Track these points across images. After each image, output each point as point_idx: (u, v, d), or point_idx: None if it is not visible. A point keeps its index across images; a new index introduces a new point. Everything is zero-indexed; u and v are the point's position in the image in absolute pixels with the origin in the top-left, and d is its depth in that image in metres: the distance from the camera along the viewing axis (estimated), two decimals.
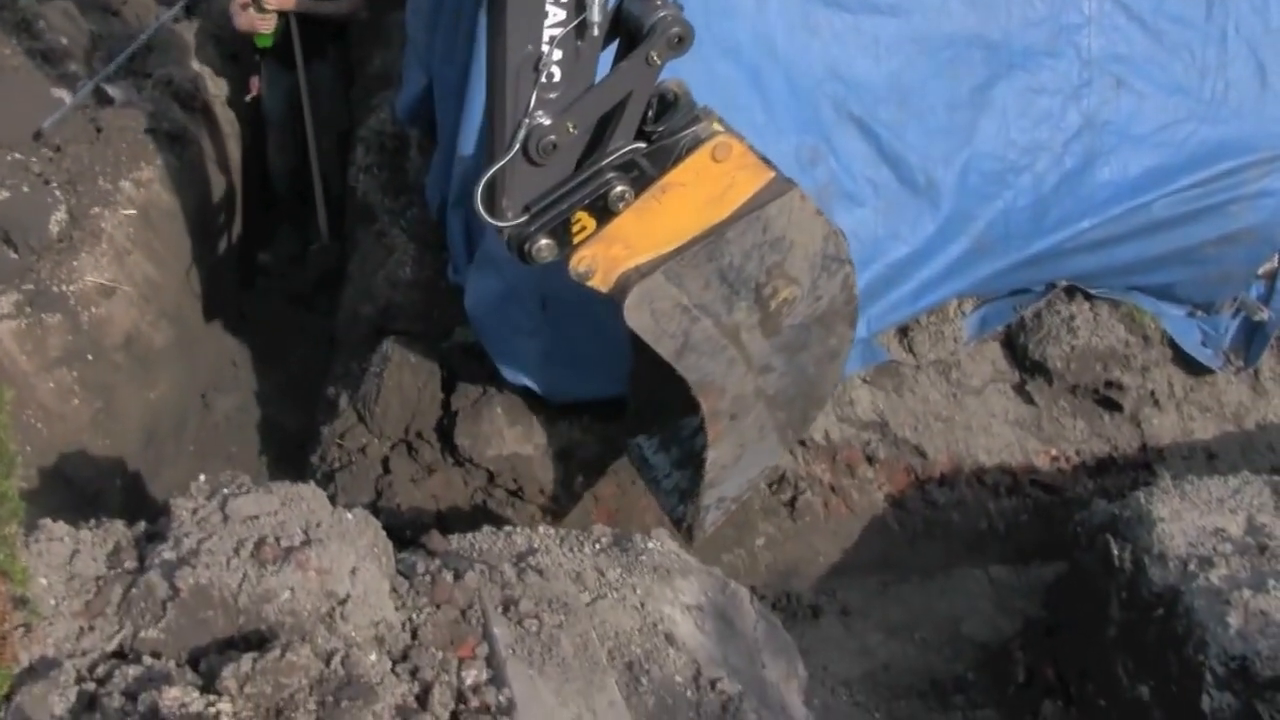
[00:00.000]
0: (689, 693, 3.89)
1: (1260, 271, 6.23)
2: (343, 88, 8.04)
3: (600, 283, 4.19)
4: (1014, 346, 6.17)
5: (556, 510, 5.60)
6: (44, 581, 3.43)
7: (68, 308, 5.50)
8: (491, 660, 3.58)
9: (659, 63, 3.93)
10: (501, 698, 3.43)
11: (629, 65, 3.95)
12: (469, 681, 3.48)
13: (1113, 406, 6.21)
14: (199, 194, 6.89)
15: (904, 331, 5.95)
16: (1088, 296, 6.04)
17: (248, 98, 7.98)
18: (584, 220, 4.08)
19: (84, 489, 5.31)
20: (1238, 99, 5.73)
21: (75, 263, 5.67)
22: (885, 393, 5.96)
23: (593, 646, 3.76)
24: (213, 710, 3.00)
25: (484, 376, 5.48)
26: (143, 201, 6.22)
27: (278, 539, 3.50)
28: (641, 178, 4.09)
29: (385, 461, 5.61)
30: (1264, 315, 6.28)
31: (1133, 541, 4.78)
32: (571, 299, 5.00)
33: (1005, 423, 6.13)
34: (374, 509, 5.33)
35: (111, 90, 6.75)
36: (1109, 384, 6.13)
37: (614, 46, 4.05)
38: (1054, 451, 6.18)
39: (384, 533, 3.89)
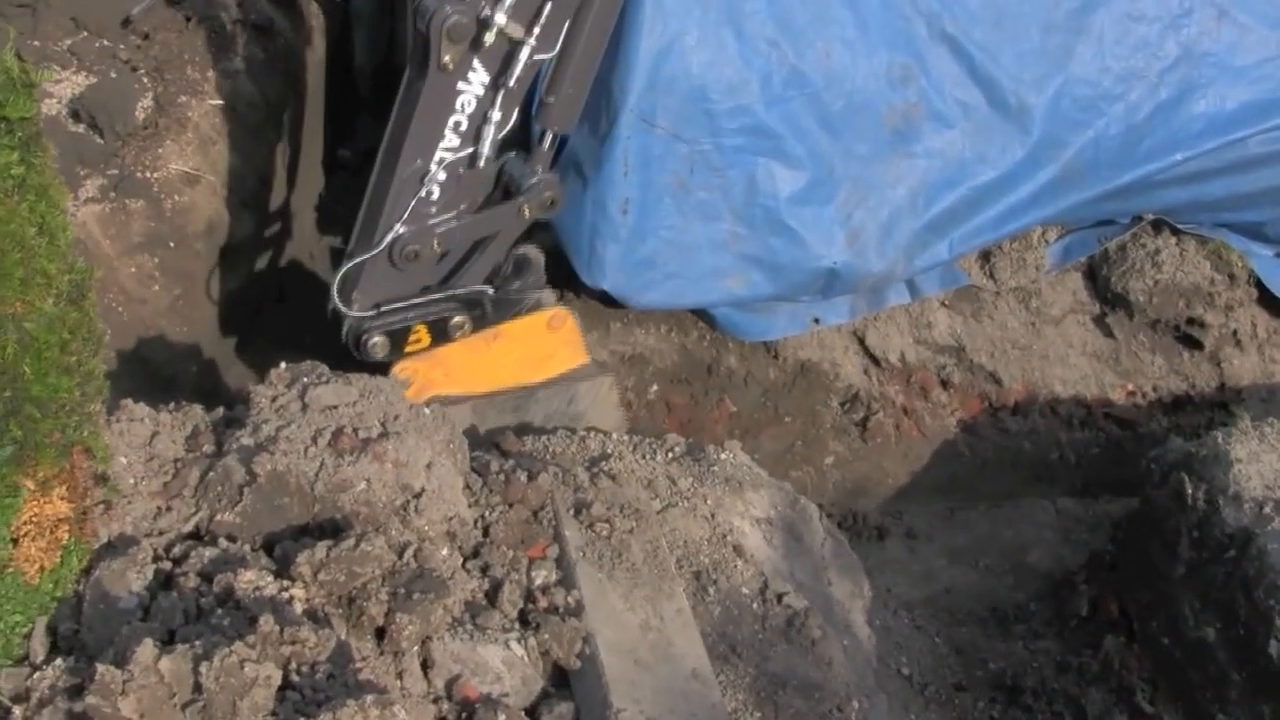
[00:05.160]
0: (755, 605, 3.91)
1: None
2: None
3: (412, 395, 4.54)
4: (1096, 278, 6.08)
5: (628, 416, 5.61)
6: (124, 460, 3.46)
7: (151, 194, 5.51)
8: (561, 562, 3.60)
9: (528, 216, 4.47)
10: (570, 599, 3.46)
11: (504, 209, 4.46)
12: (538, 581, 3.50)
13: (1193, 344, 6.12)
14: (283, 86, 6.87)
15: (986, 256, 5.88)
16: (1175, 231, 5.93)
17: None
18: (421, 335, 4.59)
19: (160, 373, 5.36)
20: None
21: (160, 150, 5.67)
22: (964, 317, 5.91)
23: (662, 554, 3.77)
24: (286, 595, 3.04)
25: (562, 280, 5.47)
26: (228, 92, 6.22)
27: (355, 430, 3.51)
28: (482, 318, 4.64)
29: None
30: None
31: (1207, 481, 4.73)
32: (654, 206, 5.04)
33: (1083, 354, 6.06)
34: None
35: None
36: (1191, 321, 6.04)
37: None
38: (1130, 386, 6.11)
39: (459, 430, 3.91)
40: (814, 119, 5.10)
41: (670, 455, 4.33)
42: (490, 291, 4.63)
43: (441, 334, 4.57)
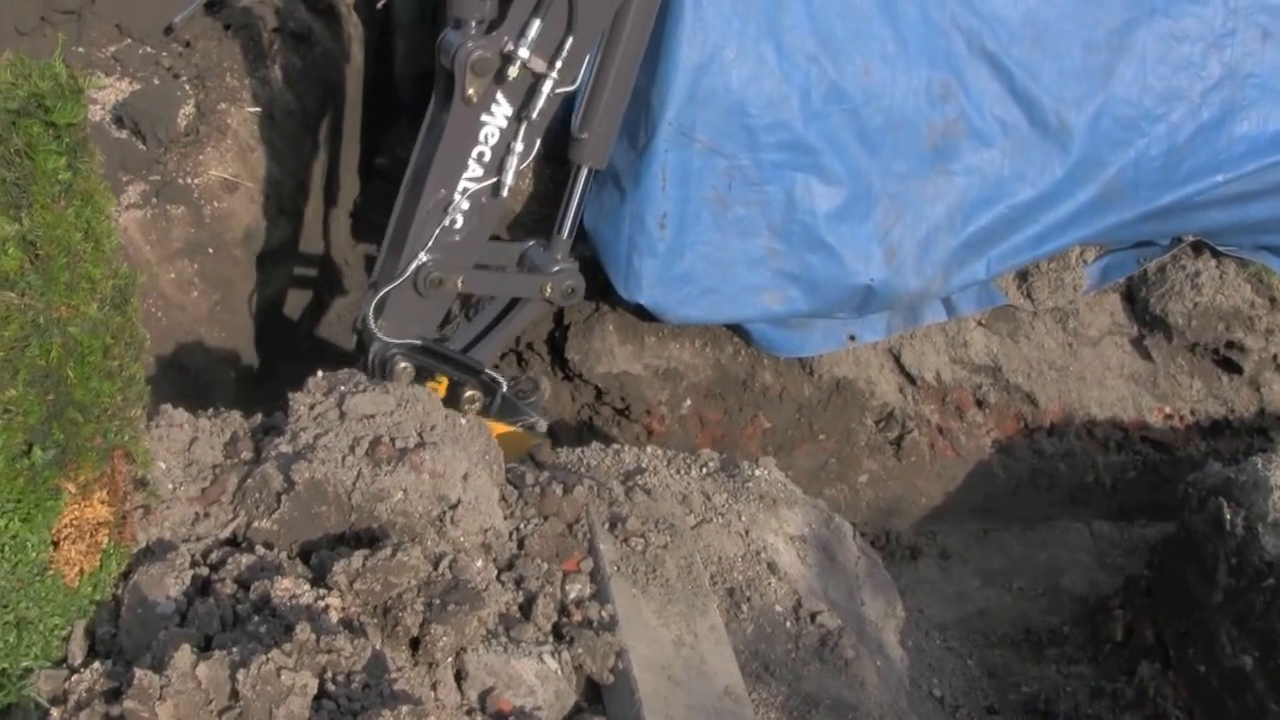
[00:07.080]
0: (788, 623, 3.89)
1: None
2: None
3: None
4: (1134, 299, 6.05)
5: (661, 431, 5.60)
6: (163, 465, 3.47)
7: (191, 200, 5.54)
8: (596, 576, 3.58)
9: (547, 295, 4.71)
10: (604, 613, 3.44)
11: (529, 277, 4.72)
12: (572, 595, 3.49)
13: (1232, 368, 6.08)
14: (322, 95, 6.90)
15: (1023, 276, 5.85)
16: (1215, 253, 5.89)
17: (379, 4, 7.95)
18: (441, 387, 4.67)
19: (198, 379, 5.38)
20: None
21: (201, 156, 5.70)
22: (1000, 337, 5.88)
23: (696, 570, 3.75)
24: (322, 604, 3.03)
25: (598, 293, 5.47)
26: (267, 99, 6.25)
27: (393, 439, 3.51)
28: (488, 406, 4.74)
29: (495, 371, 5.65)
30: None
31: (1246, 507, 4.69)
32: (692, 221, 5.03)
33: (1120, 376, 6.03)
34: None
35: None
36: (1230, 345, 6.00)
37: None
38: (1168, 409, 6.07)
39: (495, 441, 3.90)
40: (853, 135, 5.09)
41: (704, 470, 4.32)
42: (504, 389, 4.75)
43: (454, 398, 4.65)
